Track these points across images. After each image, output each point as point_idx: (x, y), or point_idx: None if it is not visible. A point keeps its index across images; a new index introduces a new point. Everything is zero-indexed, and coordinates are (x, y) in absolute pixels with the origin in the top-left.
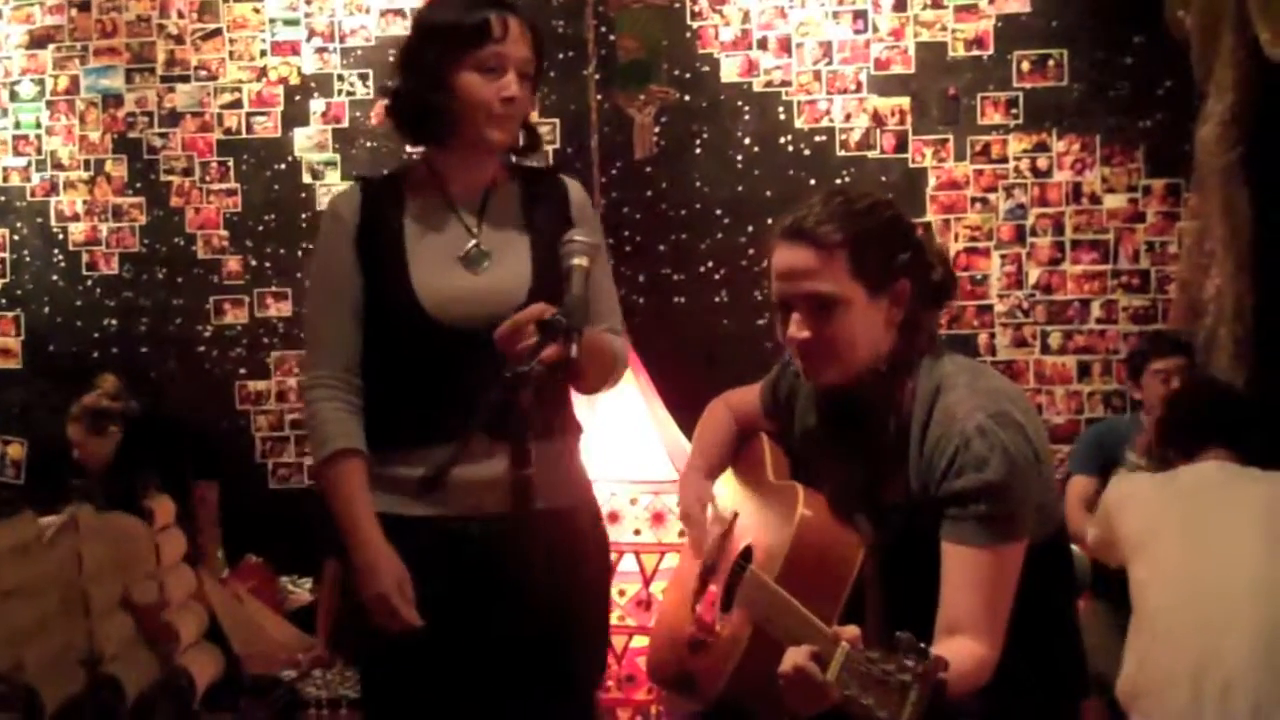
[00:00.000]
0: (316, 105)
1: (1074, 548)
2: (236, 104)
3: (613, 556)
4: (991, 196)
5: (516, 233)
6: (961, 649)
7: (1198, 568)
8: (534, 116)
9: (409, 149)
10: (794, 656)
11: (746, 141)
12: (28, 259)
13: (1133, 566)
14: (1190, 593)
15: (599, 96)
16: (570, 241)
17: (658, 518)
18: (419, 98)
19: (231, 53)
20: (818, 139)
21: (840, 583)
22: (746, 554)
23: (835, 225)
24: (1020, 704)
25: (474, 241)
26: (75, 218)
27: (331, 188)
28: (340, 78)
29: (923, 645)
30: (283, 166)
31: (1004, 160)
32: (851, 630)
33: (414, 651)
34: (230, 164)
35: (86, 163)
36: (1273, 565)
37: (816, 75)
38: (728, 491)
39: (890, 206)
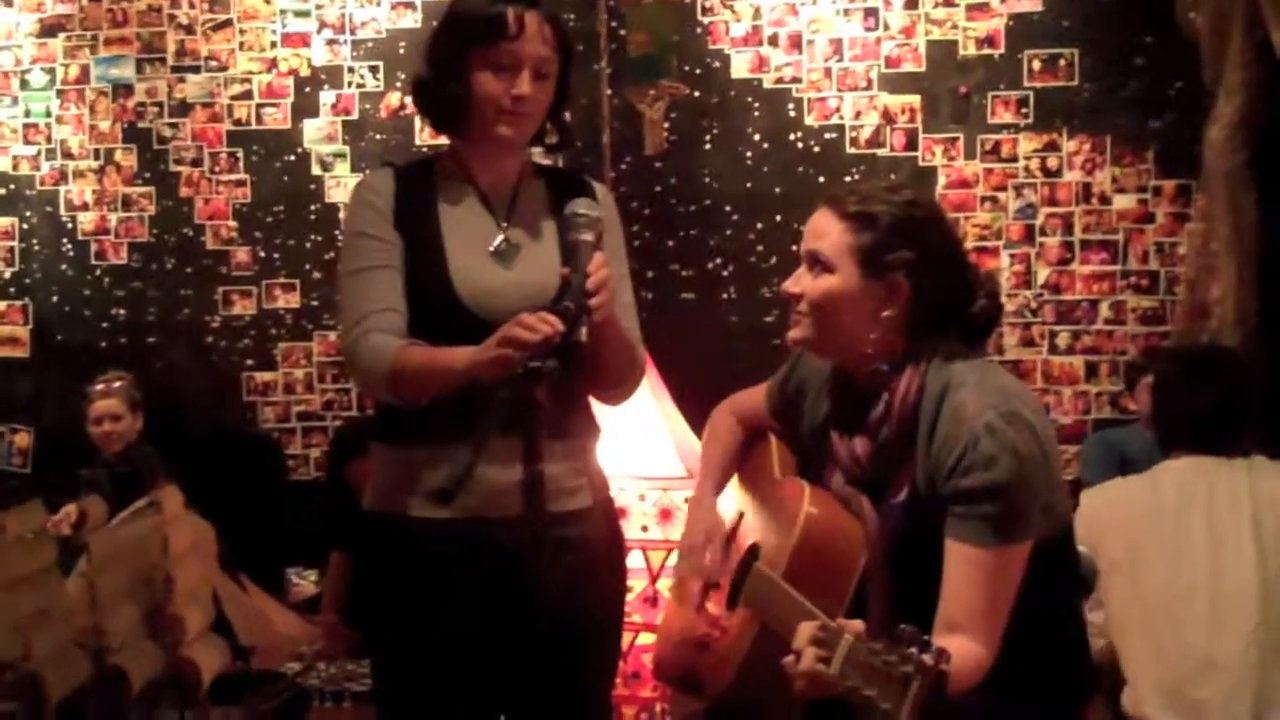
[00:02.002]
0: (326, 97)
1: (1081, 548)
2: (247, 95)
3: None
4: (1001, 195)
5: (544, 231)
6: (958, 647)
7: (1182, 577)
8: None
9: (419, 142)
10: (798, 643)
11: (756, 138)
12: (36, 248)
13: (1114, 579)
14: (1181, 602)
15: (610, 91)
16: (574, 215)
17: (665, 514)
18: (436, 87)
19: (242, 44)
20: (828, 136)
21: (845, 579)
22: (753, 551)
23: (858, 199)
24: (1024, 704)
25: (504, 236)
26: (84, 207)
27: (341, 180)
28: (350, 70)
29: (925, 638)
30: (292, 158)
31: (1014, 159)
32: (856, 624)
33: (428, 650)
34: (240, 155)
35: (96, 152)
36: (1261, 563)
37: (827, 72)
38: (733, 492)
39: (921, 206)
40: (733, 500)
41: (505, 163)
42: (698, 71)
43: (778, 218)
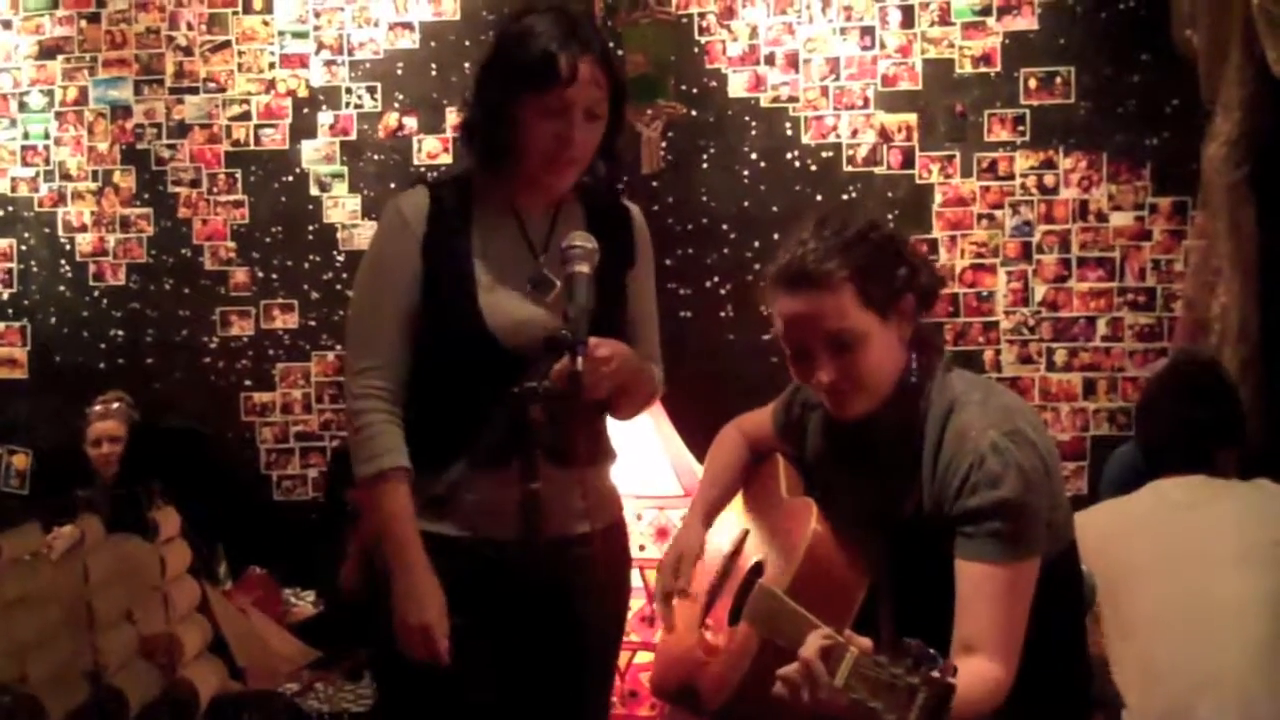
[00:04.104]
0: (325, 118)
1: (1084, 566)
2: (245, 116)
3: None
4: (998, 213)
5: None
6: (978, 670)
7: (1178, 598)
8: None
9: (417, 162)
10: (804, 653)
11: (753, 157)
12: (35, 269)
13: (1111, 603)
14: (1175, 624)
15: None
16: (570, 248)
17: (662, 533)
18: (484, 130)
19: (240, 65)
20: (824, 154)
21: (851, 598)
22: (757, 569)
23: (836, 261)
24: None
25: (540, 268)
26: (83, 228)
27: (339, 200)
28: (349, 90)
29: (931, 651)
30: (290, 179)
31: (1010, 177)
32: (864, 640)
33: (429, 669)
34: (238, 176)
35: (94, 174)
36: (1249, 583)
37: (824, 91)
38: (738, 509)
39: (877, 226)
40: (738, 518)
41: (547, 192)
42: (695, 91)
43: (775, 236)
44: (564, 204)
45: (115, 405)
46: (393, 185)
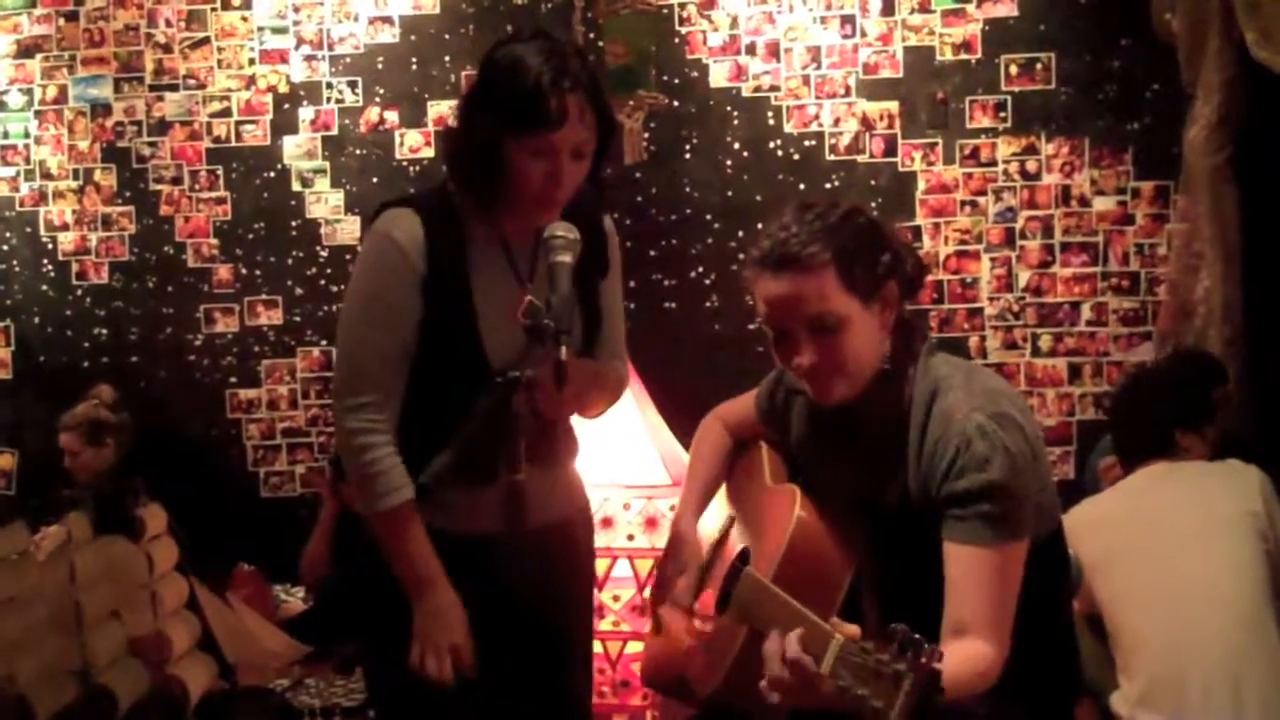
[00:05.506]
0: (305, 113)
1: (1070, 549)
2: (225, 112)
3: (606, 562)
4: (981, 200)
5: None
6: (970, 651)
7: (1157, 578)
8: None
9: (399, 157)
10: (787, 648)
11: (736, 146)
12: (17, 269)
13: (1095, 587)
14: (1156, 603)
15: None
16: (553, 238)
17: (651, 523)
18: (470, 163)
19: (220, 61)
20: (807, 143)
21: (836, 584)
22: (743, 556)
23: (819, 245)
24: (1015, 703)
25: (530, 297)
26: (64, 227)
27: (321, 195)
28: (329, 85)
29: (917, 636)
30: (272, 175)
31: (993, 164)
32: (850, 627)
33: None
34: (219, 172)
35: (75, 172)
36: (1221, 554)
37: (805, 80)
38: (723, 497)
39: (861, 211)
40: (723, 505)
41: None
42: (676, 81)
43: (759, 225)
44: (545, 222)
45: (93, 404)
46: (375, 180)
